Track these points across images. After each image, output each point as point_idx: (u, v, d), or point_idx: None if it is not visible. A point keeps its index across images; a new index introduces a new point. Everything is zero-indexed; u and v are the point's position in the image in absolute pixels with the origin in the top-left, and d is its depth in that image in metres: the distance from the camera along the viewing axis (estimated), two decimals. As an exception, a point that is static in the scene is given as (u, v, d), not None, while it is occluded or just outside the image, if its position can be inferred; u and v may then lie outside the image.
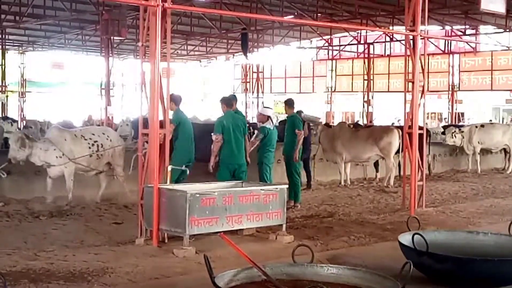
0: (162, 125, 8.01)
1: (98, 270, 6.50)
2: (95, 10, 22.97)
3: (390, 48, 35.22)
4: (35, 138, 11.44)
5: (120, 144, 11.88)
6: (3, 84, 30.47)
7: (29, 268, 6.54)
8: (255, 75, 34.01)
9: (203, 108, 42.38)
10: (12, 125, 15.39)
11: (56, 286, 5.95)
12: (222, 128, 9.63)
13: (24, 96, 33.95)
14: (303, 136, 11.81)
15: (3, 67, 30.03)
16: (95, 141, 11.46)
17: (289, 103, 11.92)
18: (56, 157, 10.79)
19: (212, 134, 9.72)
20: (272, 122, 11.26)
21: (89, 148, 11.31)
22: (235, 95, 11.48)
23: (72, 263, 6.76)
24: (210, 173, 9.76)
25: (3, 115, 26.23)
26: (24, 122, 20.99)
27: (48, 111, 35.47)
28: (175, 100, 9.77)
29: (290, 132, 11.60)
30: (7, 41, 30.54)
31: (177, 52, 36.21)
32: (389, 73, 35.44)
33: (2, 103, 30.23)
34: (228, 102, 10.13)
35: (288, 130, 11.69)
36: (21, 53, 35.96)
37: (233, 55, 40.05)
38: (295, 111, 12.06)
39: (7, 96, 31.53)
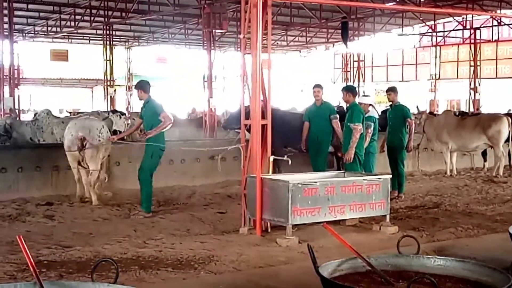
0: (263, 115, 8.08)
1: (204, 258, 6.66)
2: (197, 4, 23.46)
3: (498, 32, 33.74)
4: None
5: None
6: (112, 79, 31.73)
7: (139, 255, 6.79)
8: (355, 64, 33.58)
9: (302, 98, 42.32)
10: (120, 118, 15.95)
11: (164, 273, 6.14)
12: (362, 118, 9.67)
13: (131, 90, 35.24)
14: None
15: (111, 62, 31.25)
16: None
17: (395, 91, 11.63)
18: None
19: (353, 123, 9.54)
20: (376, 110, 11.03)
21: None
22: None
23: (179, 251, 6.96)
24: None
25: (112, 108, 27.27)
26: (129, 114, 21.71)
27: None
28: (143, 87, 9.54)
29: (399, 121, 11.30)
30: (114, 37, 31.80)
31: (277, 43, 36.36)
32: (497, 59, 34.01)
33: (111, 97, 31.51)
34: (355, 92, 10.16)
35: (395, 119, 11.37)
36: (127, 48, 37.32)
37: (333, 45, 39.70)
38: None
39: (115, 90, 32.83)
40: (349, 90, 10.09)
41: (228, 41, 35.77)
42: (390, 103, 11.64)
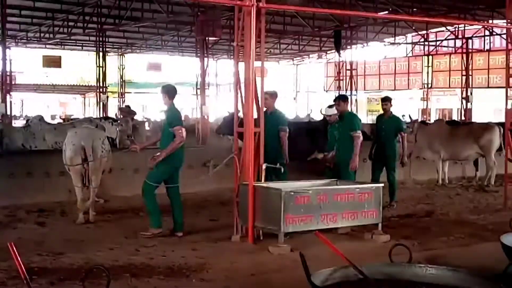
0: (256, 123, 8.08)
1: (196, 265, 6.63)
2: (191, 12, 23.50)
3: (490, 42, 33.92)
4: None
5: None
6: (104, 85, 31.66)
7: (131, 262, 6.76)
8: (348, 73, 33.63)
9: (295, 106, 42.38)
10: (112, 124, 15.90)
11: (156, 280, 6.12)
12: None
13: (123, 96, 35.12)
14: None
15: (104, 68, 31.20)
16: None
17: (391, 101, 11.62)
18: None
19: (355, 131, 9.48)
20: None
21: None
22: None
23: (171, 259, 6.94)
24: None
25: (104, 115, 27.21)
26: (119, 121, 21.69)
27: (147, 111, 36.66)
28: (169, 92, 8.64)
29: (393, 131, 11.16)
30: (107, 43, 31.75)
31: (270, 51, 36.42)
32: (488, 68, 34.18)
33: (103, 103, 31.41)
34: (348, 100, 10.09)
35: (389, 129, 11.20)
36: (120, 55, 37.29)
37: (326, 53, 39.81)
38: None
39: (107, 97, 32.74)
40: (343, 99, 10.09)
41: (222, 48, 35.79)
42: (382, 112, 11.64)
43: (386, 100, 11.65)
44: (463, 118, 30.65)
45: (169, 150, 8.35)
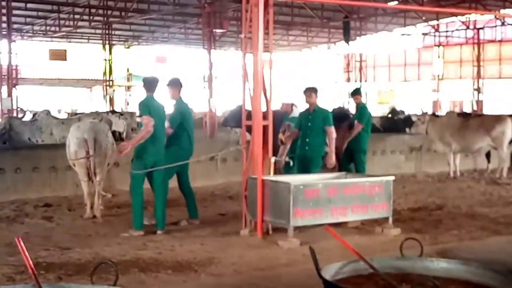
0: (265, 116, 8.00)
1: (205, 260, 6.59)
2: (198, 3, 23.40)
3: (502, 32, 33.64)
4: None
5: None
6: (111, 79, 31.63)
7: (139, 257, 6.72)
8: (357, 64, 33.46)
9: (303, 99, 42.11)
10: (119, 118, 15.84)
11: (164, 275, 6.08)
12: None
13: (130, 89, 35.10)
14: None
15: (110, 61, 31.15)
16: None
17: (358, 93, 11.52)
18: None
19: (329, 126, 9.08)
20: (298, 109, 10.26)
21: None
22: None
23: (179, 253, 6.90)
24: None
25: (111, 108, 27.21)
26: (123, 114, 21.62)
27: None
28: (145, 84, 8.27)
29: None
30: (113, 36, 31.71)
31: (278, 42, 36.29)
32: (500, 59, 33.93)
33: (110, 97, 31.39)
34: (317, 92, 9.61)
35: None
36: (126, 47, 37.20)
37: (335, 44, 39.63)
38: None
39: (114, 90, 32.73)
40: (315, 91, 9.45)
41: (229, 40, 35.70)
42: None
43: (355, 93, 11.51)
44: (475, 109, 30.43)
45: (135, 141, 8.11)
